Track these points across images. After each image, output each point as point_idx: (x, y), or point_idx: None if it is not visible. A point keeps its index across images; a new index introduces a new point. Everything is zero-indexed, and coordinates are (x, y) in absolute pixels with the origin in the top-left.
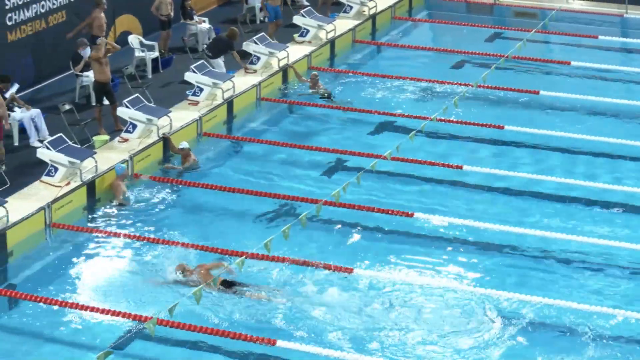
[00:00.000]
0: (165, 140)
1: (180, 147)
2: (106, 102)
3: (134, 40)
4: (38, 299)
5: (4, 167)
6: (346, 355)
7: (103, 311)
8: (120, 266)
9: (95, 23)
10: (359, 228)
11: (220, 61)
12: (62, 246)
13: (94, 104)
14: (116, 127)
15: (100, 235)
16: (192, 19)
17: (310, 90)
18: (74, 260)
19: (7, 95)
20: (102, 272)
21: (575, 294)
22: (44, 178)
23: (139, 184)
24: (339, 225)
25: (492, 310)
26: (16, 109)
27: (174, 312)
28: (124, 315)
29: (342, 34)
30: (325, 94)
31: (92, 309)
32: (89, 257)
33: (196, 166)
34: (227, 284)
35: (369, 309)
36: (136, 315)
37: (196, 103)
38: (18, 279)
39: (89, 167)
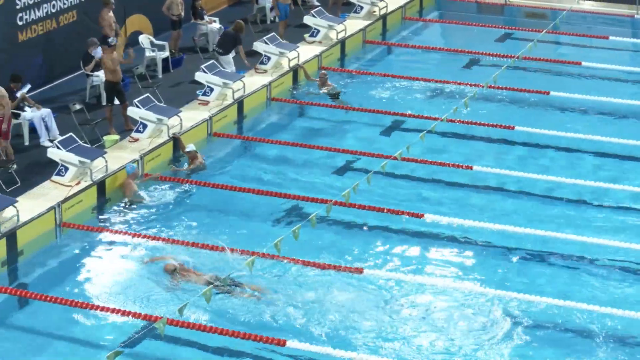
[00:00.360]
0: (175, 140)
1: (187, 150)
2: (117, 101)
3: (144, 40)
4: (48, 299)
5: (14, 167)
6: (356, 355)
7: (113, 311)
8: (130, 266)
9: (105, 23)
10: (369, 229)
11: (230, 58)
12: (72, 246)
13: (104, 103)
14: (126, 127)
15: (110, 234)
16: (202, 18)
17: (320, 90)
18: (84, 259)
19: (18, 94)
20: (112, 271)
21: (589, 295)
22: (55, 178)
23: (149, 183)
24: (349, 226)
25: (503, 311)
26: (27, 108)
27: (183, 312)
28: (133, 314)
29: (352, 34)
30: (333, 93)
31: (102, 309)
32: (99, 256)
33: (203, 168)
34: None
35: (378, 309)
36: (146, 314)
37: (206, 103)
38: (28, 279)
39: (99, 167)
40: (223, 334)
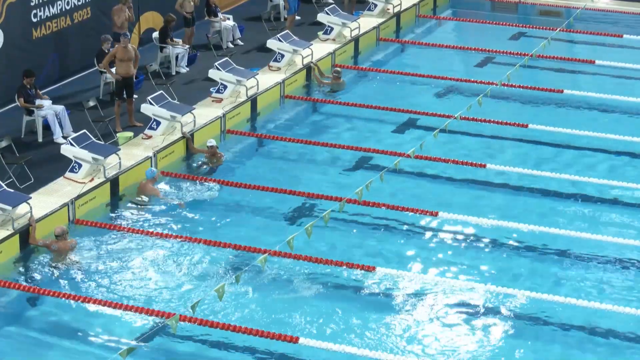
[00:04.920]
0: (186, 141)
1: (209, 144)
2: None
3: (158, 37)
4: (61, 295)
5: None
6: (368, 352)
7: (125, 307)
8: (142, 263)
9: (118, 20)
10: (382, 226)
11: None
12: (85, 242)
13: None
14: (130, 123)
15: (123, 232)
16: (216, 16)
17: (329, 83)
18: (97, 256)
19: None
20: (125, 268)
21: (602, 294)
22: (68, 174)
23: (161, 181)
24: (362, 223)
25: (518, 310)
26: (37, 101)
27: (196, 309)
28: (146, 311)
29: (366, 32)
30: (335, 90)
31: (115, 305)
32: (112, 253)
33: (219, 163)
34: None
35: (390, 307)
36: (159, 311)
37: (220, 100)
38: (41, 275)
39: (112, 164)
40: (236, 331)
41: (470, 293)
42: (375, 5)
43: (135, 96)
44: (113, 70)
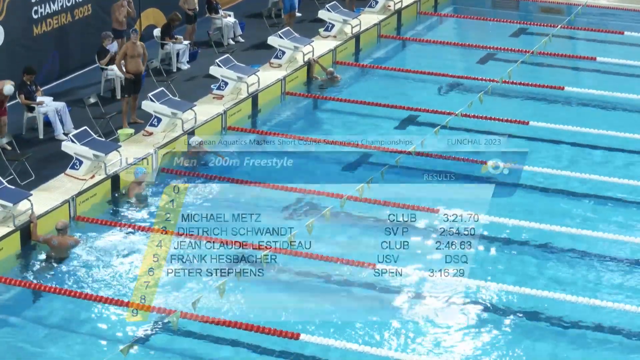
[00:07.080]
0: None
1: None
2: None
3: (159, 34)
4: (62, 292)
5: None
6: (369, 349)
7: (127, 304)
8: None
9: (118, 17)
10: (383, 223)
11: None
12: (86, 239)
13: (118, 97)
14: (131, 119)
15: (123, 228)
16: (217, 12)
17: (325, 80)
18: (98, 253)
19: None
20: (126, 265)
21: (602, 291)
22: (69, 171)
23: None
24: (363, 220)
25: (518, 308)
26: (38, 98)
27: (197, 305)
28: (147, 308)
29: (367, 29)
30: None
31: (116, 302)
32: (113, 250)
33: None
34: None
35: (391, 304)
36: (160, 308)
37: (221, 97)
38: (42, 272)
39: (113, 161)
40: (237, 327)
41: (472, 290)
42: (376, 2)
43: None
44: (115, 66)
